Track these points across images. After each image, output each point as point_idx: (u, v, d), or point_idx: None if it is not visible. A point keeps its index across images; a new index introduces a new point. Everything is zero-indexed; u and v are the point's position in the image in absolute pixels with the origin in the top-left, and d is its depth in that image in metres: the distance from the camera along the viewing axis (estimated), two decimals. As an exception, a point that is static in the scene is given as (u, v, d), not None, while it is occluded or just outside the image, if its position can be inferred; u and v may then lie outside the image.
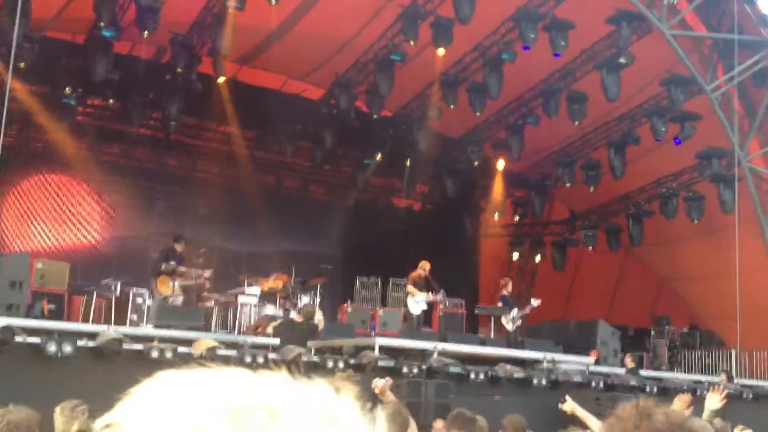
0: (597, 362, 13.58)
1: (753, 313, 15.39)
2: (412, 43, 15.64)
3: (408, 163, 20.38)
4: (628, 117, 18.72)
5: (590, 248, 21.31)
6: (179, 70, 16.02)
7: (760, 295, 16.50)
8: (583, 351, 13.74)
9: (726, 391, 6.37)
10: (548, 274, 22.28)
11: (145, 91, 16.50)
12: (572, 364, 12.85)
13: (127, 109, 16.84)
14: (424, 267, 14.24)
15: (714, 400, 6.12)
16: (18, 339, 8.82)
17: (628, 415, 1.85)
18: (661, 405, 1.89)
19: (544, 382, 11.85)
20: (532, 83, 18.46)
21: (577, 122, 18.11)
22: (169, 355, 9.50)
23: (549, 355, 12.77)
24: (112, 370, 9.14)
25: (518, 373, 11.89)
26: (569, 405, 7.48)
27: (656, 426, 1.77)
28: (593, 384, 12.22)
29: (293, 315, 12.35)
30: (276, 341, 11.13)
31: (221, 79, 16.78)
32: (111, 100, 16.84)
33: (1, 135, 9.96)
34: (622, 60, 16.41)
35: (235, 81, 18.09)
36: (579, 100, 17.87)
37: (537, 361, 12.73)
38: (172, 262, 12.93)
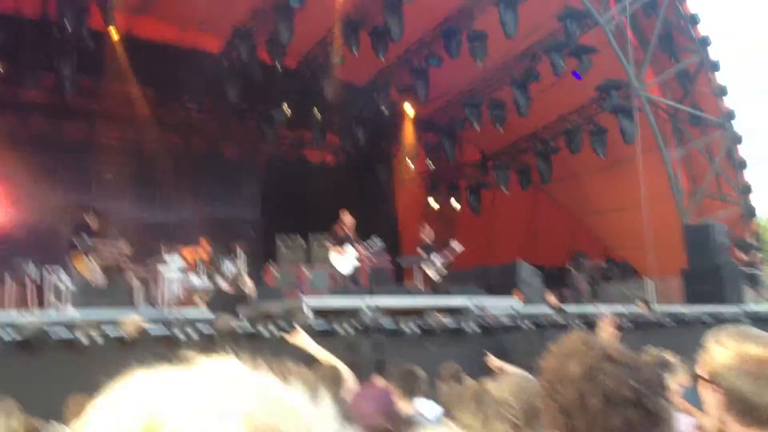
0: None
1: (662, 240, 16.12)
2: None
3: (317, 114, 20.02)
4: (528, 54, 18.95)
5: (503, 189, 21.69)
6: (67, 26, 15.02)
7: (667, 223, 17.28)
8: (508, 293, 14.01)
9: (615, 320, 6.64)
10: (467, 219, 22.57)
11: (34, 52, 15.37)
12: (499, 308, 13.12)
13: (17, 73, 15.70)
14: (344, 218, 14.01)
15: (605, 332, 6.40)
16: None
17: (568, 348, 1.93)
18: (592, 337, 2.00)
19: (476, 328, 12.07)
20: (434, 23, 18.37)
21: (479, 61, 18.14)
22: (100, 341, 9.09)
23: (476, 300, 12.99)
24: (41, 361, 8.72)
25: (450, 323, 12.06)
26: (493, 362, 7.78)
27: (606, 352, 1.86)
28: (522, 326, 12.54)
29: (221, 283, 12.01)
30: (207, 313, 10.86)
31: (114, 33, 15.87)
32: (-3, 66, 15.66)
33: None
34: (519, -5, 16.47)
35: (129, 36, 17.13)
36: (479, 39, 17.91)
37: (466, 308, 12.94)
38: (86, 237, 12.32)
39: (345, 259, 13.76)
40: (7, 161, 16.33)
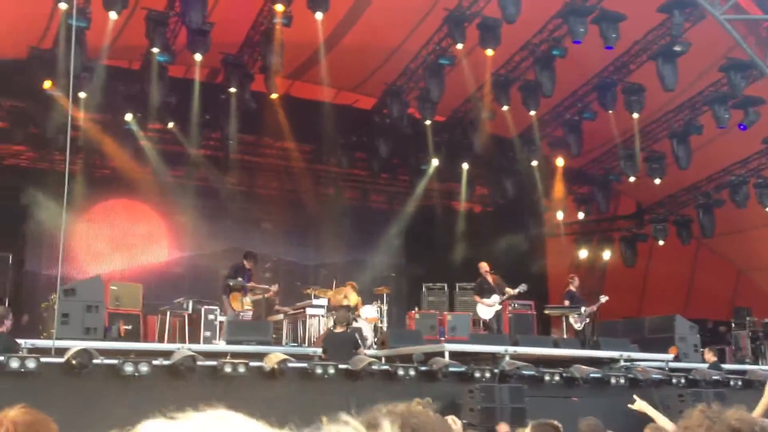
0: (676, 358, 13.17)
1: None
2: (459, 46, 15.54)
3: (465, 167, 20.23)
4: (689, 106, 18.28)
5: (660, 242, 20.86)
6: (233, 89, 16.25)
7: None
8: (661, 348, 13.34)
9: None
10: (619, 271, 21.77)
11: (202, 112, 16.73)
12: (651, 361, 12.50)
13: (186, 131, 17.11)
14: (480, 268, 14.11)
15: None
16: (96, 361, 8.95)
17: (696, 421, 1.78)
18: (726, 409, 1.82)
19: (622, 381, 11.53)
20: (586, 78, 18.16)
21: (635, 114, 17.77)
22: (241, 369, 9.53)
23: (626, 354, 12.44)
24: (188, 387, 9.25)
25: (595, 374, 11.59)
26: (639, 404, 7.32)
27: (731, 425, 1.70)
28: (674, 381, 11.85)
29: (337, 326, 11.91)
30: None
31: (274, 96, 16.94)
32: (170, 124, 17.11)
33: (67, 164, 10.16)
34: (677, 48, 15.98)
35: (288, 96, 18.25)
36: (636, 92, 17.57)
37: (613, 361, 12.41)
38: (240, 279, 13.08)
39: (486, 307, 13.69)
40: (175, 207, 17.78)
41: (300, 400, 9.53)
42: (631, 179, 19.74)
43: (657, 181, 19.46)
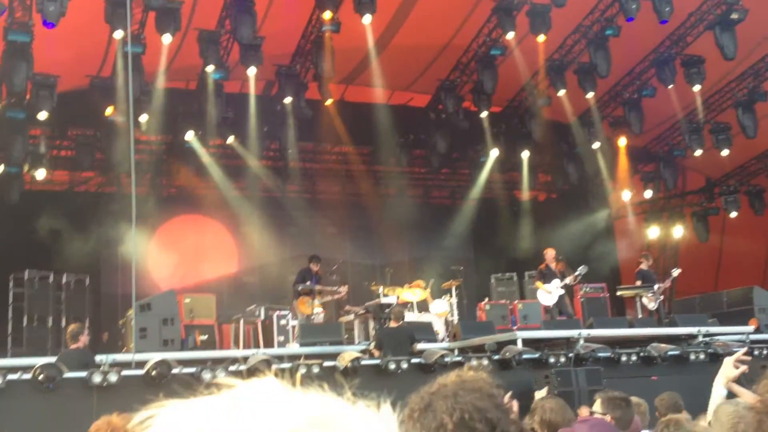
0: (757, 330, 12.79)
1: None
2: (510, 35, 15.46)
3: (525, 155, 20.05)
4: (751, 73, 17.79)
5: (733, 214, 20.28)
6: (288, 99, 16.52)
7: None
8: (741, 321, 12.96)
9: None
10: (692, 247, 21.22)
11: (260, 124, 17.04)
12: (730, 335, 12.17)
13: (246, 144, 17.44)
14: (546, 255, 13.98)
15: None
16: (174, 371, 9.20)
17: None
18: None
19: (701, 356, 11.26)
20: (643, 54, 17.82)
21: (697, 87, 17.33)
22: (316, 370, 9.67)
23: (704, 329, 12.14)
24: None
25: (673, 351, 11.35)
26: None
27: None
28: (756, 353, 11.52)
29: (390, 322, 11.88)
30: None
31: (329, 102, 17.14)
32: (230, 139, 17.47)
33: (133, 185, 10.48)
34: (734, 16, 15.56)
35: (343, 101, 18.45)
36: (695, 64, 17.15)
37: (691, 337, 12.13)
38: (309, 282, 13.27)
39: (546, 294, 13.58)
40: (241, 219, 18.14)
41: (375, 396, 9.59)
42: (698, 153, 19.25)
43: (724, 152, 18.93)
